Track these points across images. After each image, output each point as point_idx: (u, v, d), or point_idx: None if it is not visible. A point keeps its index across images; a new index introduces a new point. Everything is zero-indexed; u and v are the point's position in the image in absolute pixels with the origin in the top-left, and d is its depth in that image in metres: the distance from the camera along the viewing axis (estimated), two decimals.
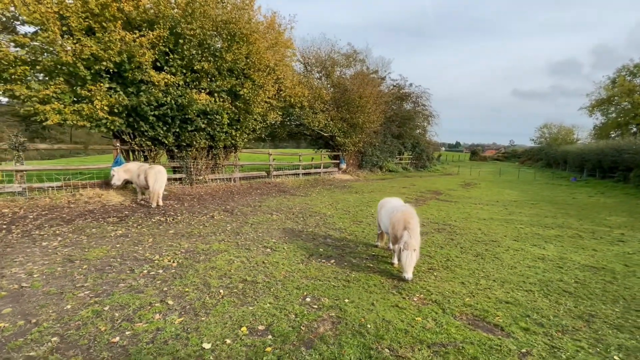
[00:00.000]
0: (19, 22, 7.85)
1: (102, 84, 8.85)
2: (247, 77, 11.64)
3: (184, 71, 10.27)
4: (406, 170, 29.95)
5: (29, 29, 8.55)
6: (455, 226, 8.51)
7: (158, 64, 10.01)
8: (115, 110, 9.21)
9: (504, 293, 4.50)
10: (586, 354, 3.12)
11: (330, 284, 4.67)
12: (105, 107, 8.85)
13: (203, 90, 10.90)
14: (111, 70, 9.09)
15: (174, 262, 5.22)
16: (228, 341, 3.19)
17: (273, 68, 12.79)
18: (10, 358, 2.82)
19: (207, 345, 3.11)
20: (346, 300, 4.15)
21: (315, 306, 3.99)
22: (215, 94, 11.04)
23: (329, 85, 20.11)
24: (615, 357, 3.09)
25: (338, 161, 20.83)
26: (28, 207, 8.21)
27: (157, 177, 9.22)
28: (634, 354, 3.16)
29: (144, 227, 7.31)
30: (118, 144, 10.35)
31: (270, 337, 3.30)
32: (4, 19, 7.78)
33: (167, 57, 9.89)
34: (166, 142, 10.79)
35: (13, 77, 8.01)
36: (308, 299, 4.17)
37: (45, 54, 8.33)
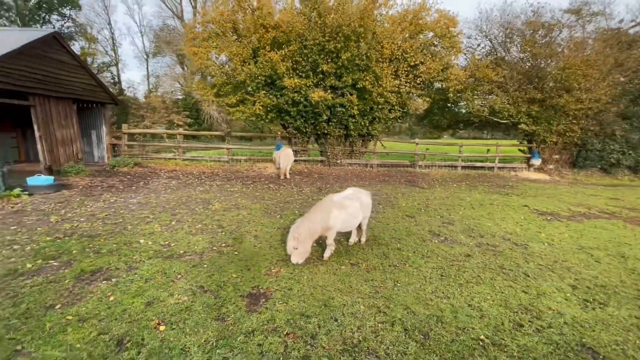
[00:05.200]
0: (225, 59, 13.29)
1: (261, 92, 13.10)
2: (369, 70, 12.43)
3: (311, 74, 12.78)
4: None
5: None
6: (515, 245, 5.93)
7: (297, 72, 13.11)
8: (268, 109, 13.28)
9: (341, 306, 3.85)
10: None
11: (227, 241, 5.81)
12: (261, 107, 13.04)
13: (330, 88, 12.98)
14: (267, 81, 13.17)
15: (216, 207, 8.03)
16: (128, 246, 5.56)
17: (403, 56, 12.66)
18: (66, 219, 6.62)
19: (104, 250, 5.60)
20: (207, 259, 5.31)
21: (182, 251, 5.31)
22: (339, 90, 12.80)
23: (522, 56, 15.78)
24: None
25: (529, 155, 16.23)
26: (225, 170, 13.89)
27: (284, 158, 12.55)
28: None
29: (251, 189, 10.66)
30: (279, 133, 14.63)
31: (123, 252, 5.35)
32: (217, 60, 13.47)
33: (299, 65, 12.78)
34: (306, 131, 13.92)
35: (224, 93, 13.74)
36: (190, 243, 5.63)
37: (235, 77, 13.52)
